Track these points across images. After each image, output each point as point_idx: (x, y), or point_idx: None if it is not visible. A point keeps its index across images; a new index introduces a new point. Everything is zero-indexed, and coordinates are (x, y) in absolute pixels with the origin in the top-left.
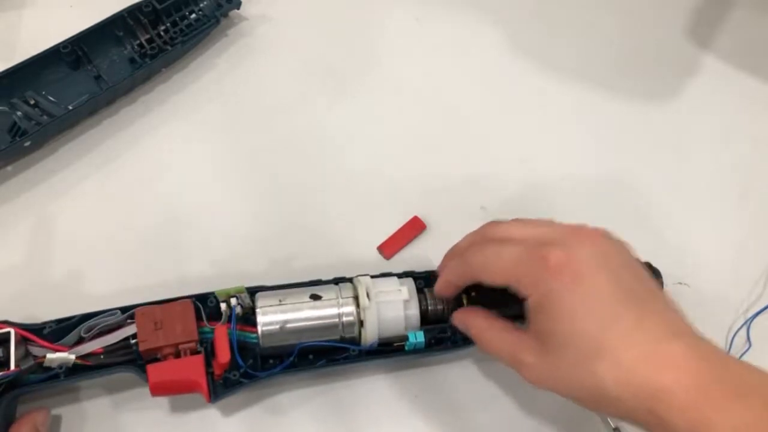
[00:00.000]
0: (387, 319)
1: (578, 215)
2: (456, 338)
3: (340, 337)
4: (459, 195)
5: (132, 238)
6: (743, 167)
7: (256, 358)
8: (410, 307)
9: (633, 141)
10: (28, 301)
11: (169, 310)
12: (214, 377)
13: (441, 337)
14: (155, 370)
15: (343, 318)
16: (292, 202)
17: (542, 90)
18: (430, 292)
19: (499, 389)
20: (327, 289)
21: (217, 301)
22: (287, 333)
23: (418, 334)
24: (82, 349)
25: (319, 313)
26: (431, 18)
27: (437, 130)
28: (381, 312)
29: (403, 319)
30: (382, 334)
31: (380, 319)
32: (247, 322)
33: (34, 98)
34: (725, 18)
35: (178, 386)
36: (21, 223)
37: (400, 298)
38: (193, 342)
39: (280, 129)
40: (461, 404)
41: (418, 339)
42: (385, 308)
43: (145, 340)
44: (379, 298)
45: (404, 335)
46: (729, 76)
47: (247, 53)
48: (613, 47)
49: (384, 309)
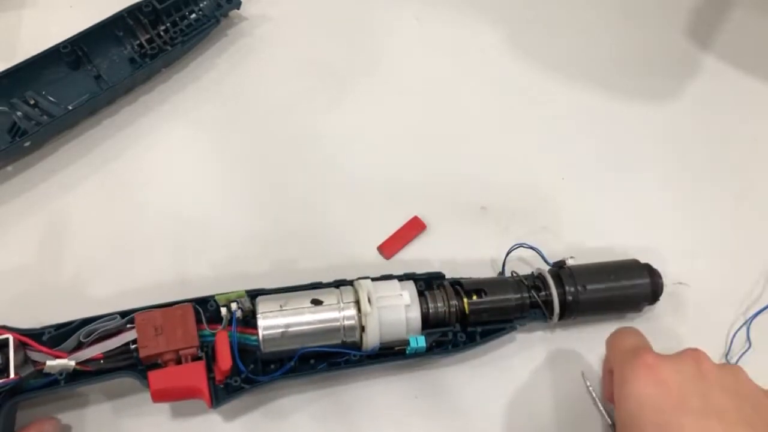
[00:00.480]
0: (388, 324)
1: (578, 215)
2: (457, 340)
3: (342, 342)
4: (459, 195)
5: (132, 239)
6: (743, 167)
7: (257, 362)
8: (412, 312)
9: (633, 141)
10: (28, 301)
11: (170, 315)
12: (215, 383)
13: (442, 340)
14: (157, 377)
15: (344, 323)
16: (292, 201)
17: (542, 90)
18: (431, 295)
19: (499, 391)
20: (328, 293)
21: (217, 305)
22: (288, 338)
23: (419, 339)
24: (82, 355)
25: (321, 318)
26: (431, 18)
27: (437, 130)
28: (383, 317)
29: (405, 323)
30: (383, 339)
31: (382, 324)
32: (247, 325)
33: (34, 98)
34: (725, 18)
35: (180, 392)
36: (21, 224)
37: (401, 303)
38: (194, 347)
39: (279, 129)
40: (461, 406)
41: (419, 344)
42: (387, 313)
43: (145, 345)
44: (380, 303)
45: (405, 339)
46: (729, 76)
47: (247, 53)
48: (613, 47)
49: (386, 314)
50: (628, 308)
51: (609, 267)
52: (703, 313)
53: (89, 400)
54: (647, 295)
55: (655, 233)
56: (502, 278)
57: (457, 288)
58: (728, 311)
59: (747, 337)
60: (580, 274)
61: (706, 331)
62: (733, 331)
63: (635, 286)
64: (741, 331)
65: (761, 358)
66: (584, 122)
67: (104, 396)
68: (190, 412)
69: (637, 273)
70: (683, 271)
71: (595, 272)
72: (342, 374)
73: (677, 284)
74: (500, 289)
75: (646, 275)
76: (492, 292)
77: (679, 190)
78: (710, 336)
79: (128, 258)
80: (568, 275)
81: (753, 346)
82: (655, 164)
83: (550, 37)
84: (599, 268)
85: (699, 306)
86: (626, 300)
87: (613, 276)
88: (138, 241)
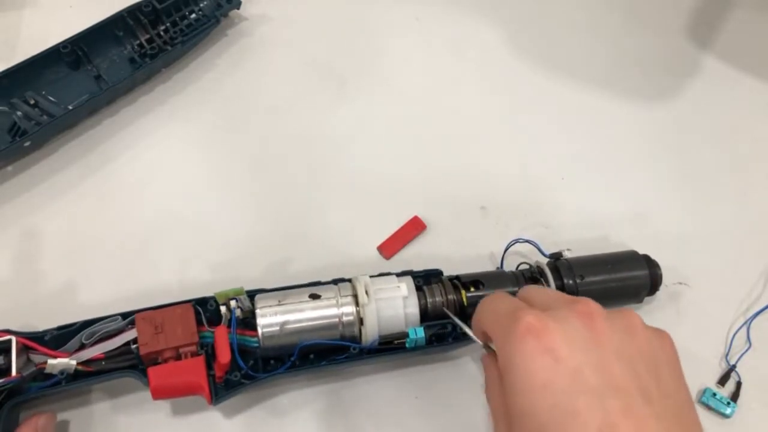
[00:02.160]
0: (386, 316)
1: (578, 215)
2: (457, 333)
3: (341, 336)
4: (459, 195)
5: (131, 239)
6: (743, 167)
7: (257, 359)
8: (409, 305)
9: (633, 141)
10: (27, 303)
11: (170, 314)
12: (215, 380)
13: (442, 333)
14: (156, 372)
15: (342, 317)
16: (292, 202)
17: (542, 90)
18: (429, 290)
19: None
20: (326, 288)
21: (216, 305)
22: (287, 333)
23: (418, 330)
24: (83, 355)
25: (319, 313)
26: (431, 18)
27: (437, 130)
28: (380, 309)
29: (403, 315)
30: (382, 332)
31: (380, 316)
32: (247, 326)
33: (34, 98)
34: (725, 18)
35: (180, 388)
36: (20, 224)
37: (398, 294)
38: (193, 344)
39: (279, 128)
40: (462, 404)
41: (418, 335)
42: (385, 305)
43: (145, 343)
44: (378, 295)
45: (404, 332)
46: (729, 76)
47: (247, 53)
48: (613, 47)
49: (383, 306)
50: (628, 299)
51: (607, 258)
52: (703, 313)
53: (90, 399)
54: (646, 285)
55: (655, 233)
56: (500, 271)
57: (455, 282)
58: (728, 311)
59: (747, 337)
60: (578, 265)
61: (706, 331)
62: (733, 331)
63: (634, 277)
64: (741, 331)
65: (761, 358)
66: (584, 122)
67: (105, 395)
68: (190, 409)
69: (636, 264)
70: (683, 271)
71: (593, 264)
72: (342, 372)
73: (677, 284)
74: (498, 282)
75: (644, 266)
76: (489, 285)
77: (679, 190)
78: (710, 336)
79: (127, 258)
80: (566, 267)
81: (753, 346)
82: (655, 164)
83: (550, 36)
84: (597, 259)
85: (699, 306)
86: (625, 291)
87: (611, 267)
88: (137, 241)
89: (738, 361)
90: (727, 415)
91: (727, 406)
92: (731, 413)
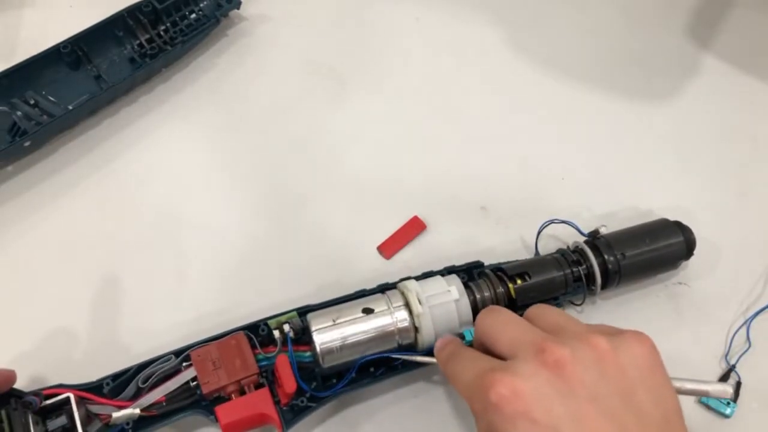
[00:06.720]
0: (441, 322)
1: (578, 215)
2: None
3: (398, 345)
4: (459, 195)
5: (131, 239)
6: (743, 167)
7: (316, 378)
8: (462, 305)
9: (633, 141)
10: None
11: (225, 347)
12: (281, 406)
13: None
14: (225, 411)
15: (398, 326)
16: (291, 202)
17: (542, 90)
18: (476, 285)
19: None
20: (376, 300)
21: (268, 329)
22: (346, 350)
23: (473, 331)
24: (145, 401)
25: (374, 326)
26: (431, 18)
27: (437, 130)
28: (435, 315)
29: (457, 318)
30: (437, 336)
31: (435, 322)
32: (298, 342)
33: (34, 98)
34: (725, 18)
35: (249, 422)
36: (20, 224)
37: (450, 298)
38: (254, 375)
39: (279, 128)
40: (462, 404)
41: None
42: (438, 311)
43: (207, 381)
44: (430, 302)
45: (460, 333)
46: (729, 76)
47: (247, 53)
48: (613, 47)
49: (437, 312)
50: (666, 268)
51: (642, 230)
52: (703, 313)
53: None
54: (683, 251)
55: None
56: (543, 257)
57: (499, 274)
58: (728, 311)
59: (747, 337)
60: (617, 242)
61: (706, 331)
62: (733, 331)
63: (671, 245)
64: (741, 331)
65: (761, 358)
66: (584, 122)
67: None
68: None
69: (671, 232)
70: (683, 271)
71: (630, 238)
72: None
73: (677, 284)
74: (543, 269)
75: (678, 233)
76: (535, 274)
77: (678, 190)
78: (710, 336)
79: (127, 258)
80: (605, 245)
81: (753, 346)
82: (655, 164)
83: (550, 36)
84: (633, 233)
85: (699, 306)
86: (664, 261)
87: (648, 239)
88: (137, 241)
89: (738, 361)
90: (726, 415)
91: (726, 406)
92: (731, 413)
